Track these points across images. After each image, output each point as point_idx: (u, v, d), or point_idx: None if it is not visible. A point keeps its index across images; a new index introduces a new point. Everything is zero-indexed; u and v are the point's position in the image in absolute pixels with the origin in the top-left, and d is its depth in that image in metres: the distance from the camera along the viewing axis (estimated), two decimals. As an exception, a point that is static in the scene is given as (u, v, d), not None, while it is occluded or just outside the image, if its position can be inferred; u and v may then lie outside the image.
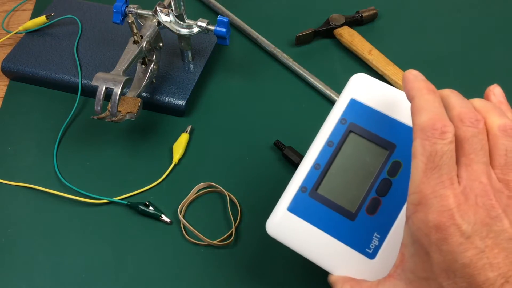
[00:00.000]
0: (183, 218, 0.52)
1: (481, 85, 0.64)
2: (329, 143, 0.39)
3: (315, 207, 0.38)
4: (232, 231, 0.51)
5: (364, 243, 0.37)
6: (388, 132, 0.38)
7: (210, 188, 0.55)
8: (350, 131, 0.39)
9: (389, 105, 0.39)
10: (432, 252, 0.29)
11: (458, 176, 0.29)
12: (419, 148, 0.30)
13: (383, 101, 0.39)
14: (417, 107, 0.31)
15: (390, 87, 0.39)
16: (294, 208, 0.39)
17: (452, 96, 0.32)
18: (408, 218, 0.31)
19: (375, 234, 0.37)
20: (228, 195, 0.53)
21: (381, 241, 0.37)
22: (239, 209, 0.53)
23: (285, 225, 0.39)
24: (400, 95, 0.39)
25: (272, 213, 0.40)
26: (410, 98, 0.32)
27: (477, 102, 0.32)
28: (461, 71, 0.65)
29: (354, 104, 0.39)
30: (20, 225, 0.53)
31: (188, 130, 0.59)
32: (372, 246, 0.37)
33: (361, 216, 0.37)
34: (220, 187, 0.54)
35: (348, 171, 0.39)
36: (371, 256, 0.37)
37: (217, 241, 0.50)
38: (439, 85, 0.68)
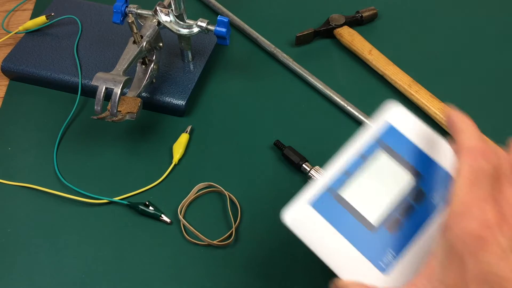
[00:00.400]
0: (183, 218, 0.52)
1: (480, 85, 0.64)
2: (362, 156, 0.42)
3: (338, 209, 0.40)
4: (232, 231, 0.51)
5: (378, 255, 0.38)
6: (418, 162, 0.42)
7: (210, 188, 0.55)
8: (383, 151, 0.42)
9: (422, 139, 0.43)
10: (468, 261, 0.30)
11: (497, 197, 0.32)
12: (466, 165, 0.32)
13: (417, 134, 0.43)
14: (464, 132, 0.35)
15: (425, 124, 0.43)
16: (317, 205, 0.40)
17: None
18: (447, 227, 0.32)
19: (390, 250, 0.38)
20: (228, 195, 0.53)
21: (394, 257, 0.38)
22: (239, 209, 0.53)
23: (304, 218, 0.40)
24: (433, 134, 0.43)
25: (292, 204, 0.40)
26: (456, 127, 0.36)
27: None
28: (461, 71, 0.65)
29: (390, 129, 0.43)
30: (20, 225, 0.53)
31: (188, 130, 0.59)
32: (385, 260, 0.38)
33: (380, 230, 0.39)
34: (220, 187, 0.54)
35: (375, 186, 0.41)
36: (383, 269, 0.38)
37: (217, 241, 0.50)
38: (439, 85, 0.68)
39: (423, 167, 0.42)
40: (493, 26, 0.71)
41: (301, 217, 0.40)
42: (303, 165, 0.54)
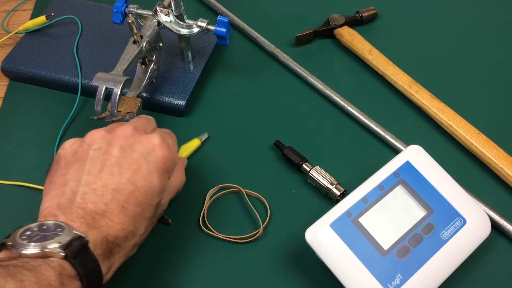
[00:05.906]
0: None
1: (480, 85, 0.64)
2: (380, 187, 0.46)
3: (354, 232, 0.44)
4: (260, 229, 0.51)
5: (388, 278, 0.42)
6: (430, 198, 0.46)
7: (224, 190, 0.54)
8: (400, 184, 0.47)
9: (436, 179, 0.47)
10: None
11: None
12: None
13: (432, 173, 0.48)
14: None
15: (440, 166, 0.48)
16: (336, 226, 0.44)
17: None
18: None
19: (399, 275, 0.42)
20: (246, 192, 0.53)
21: (402, 282, 0.42)
22: (268, 209, 0.52)
23: (323, 237, 0.44)
24: (447, 175, 0.48)
25: (315, 223, 0.45)
26: None
27: None
28: (461, 71, 0.65)
29: (408, 166, 0.48)
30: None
31: (203, 139, 0.58)
32: (393, 283, 0.42)
33: (391, 255, 0.43)
34: (238, 186, 0.53)
35: (389, 214, 0.45)
36: None
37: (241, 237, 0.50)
38: (438, 85, 0.68)
39: (435, 203, 0.46)
40: (493, 26, 0.71)
41: (320, 236, 0.44)
42: (303, 165, 0.54)
